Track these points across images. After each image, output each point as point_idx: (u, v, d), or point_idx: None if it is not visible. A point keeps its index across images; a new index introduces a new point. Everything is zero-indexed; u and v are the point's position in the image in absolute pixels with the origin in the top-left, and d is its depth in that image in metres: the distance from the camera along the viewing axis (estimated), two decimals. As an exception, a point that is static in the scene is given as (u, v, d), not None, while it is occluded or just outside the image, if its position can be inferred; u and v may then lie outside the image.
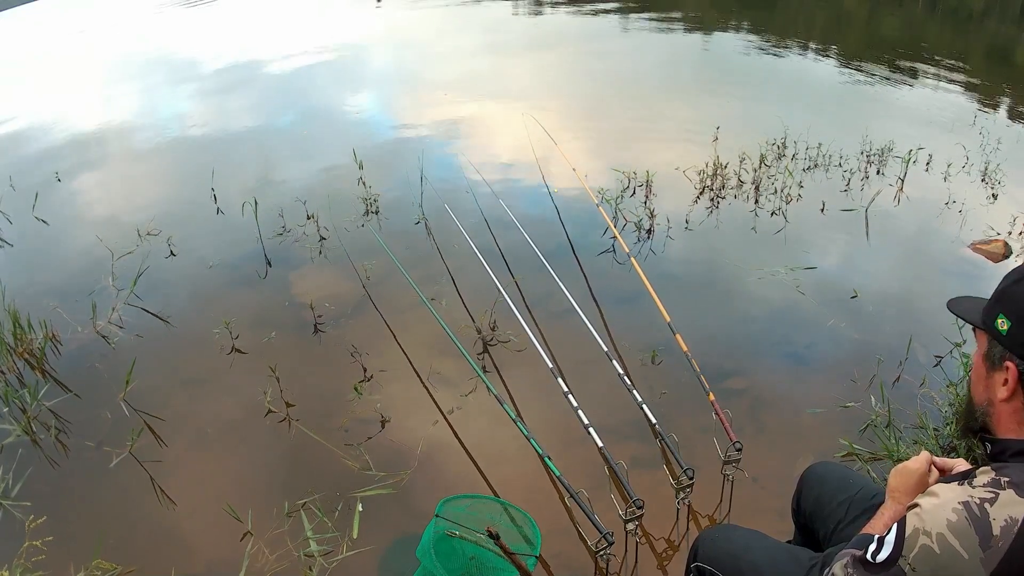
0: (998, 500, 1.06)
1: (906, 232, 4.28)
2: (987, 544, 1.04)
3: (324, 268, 4.10)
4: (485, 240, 4.11)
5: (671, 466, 2.49)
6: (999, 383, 1.16)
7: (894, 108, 6.40)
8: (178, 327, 3.65)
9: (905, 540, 1.10)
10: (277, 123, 7.11)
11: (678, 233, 4.26)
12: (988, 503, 1.06)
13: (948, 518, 1.06)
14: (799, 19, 12.27)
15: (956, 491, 1.10)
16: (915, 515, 1.11)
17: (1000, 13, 12.24)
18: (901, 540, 1.10)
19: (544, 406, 2.87)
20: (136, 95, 8.59)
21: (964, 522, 1.05)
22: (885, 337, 3.23)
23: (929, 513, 1.09)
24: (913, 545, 1.09)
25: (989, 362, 1.18)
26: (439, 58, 9.25)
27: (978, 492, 1.08)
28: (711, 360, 3.00)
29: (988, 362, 1.19)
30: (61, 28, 15.14)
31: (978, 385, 1.22)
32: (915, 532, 1.09)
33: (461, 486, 2.53)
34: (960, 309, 1.28)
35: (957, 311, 1.29)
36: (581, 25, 11.14)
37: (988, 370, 1.19)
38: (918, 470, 1.37)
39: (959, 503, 1.07)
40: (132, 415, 3.02)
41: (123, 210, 5.04)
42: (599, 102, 7.00)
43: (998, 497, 1.06)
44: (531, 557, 2.17)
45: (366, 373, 3.18)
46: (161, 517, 2.55)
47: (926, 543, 1.07)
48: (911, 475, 1.38)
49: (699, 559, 1.64)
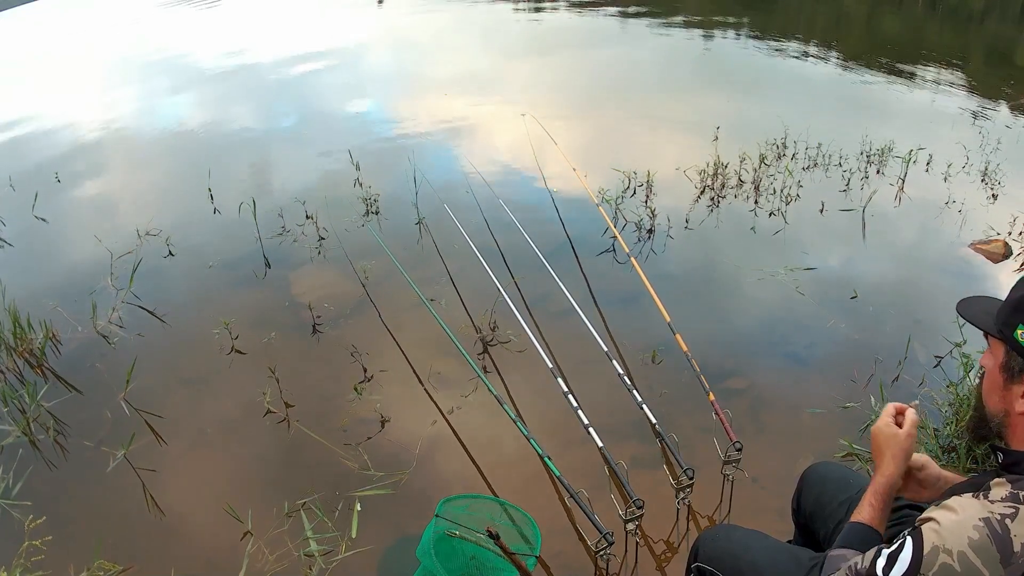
0: (1018, 516, 1.04)
1: (906, 232, 4.28)
2: (1008, 561, 1.02)
3: (323, 268, 4.10)
4: (485, 240, 4.11)
5: (671, 466, 2.49)
6: (1018, 395, 1.12)
7: (894, 108, 6.40)
8: (178, 327, 3.65)
9: (924, 558, 1.07)
10: (277, 123, 7.12)
11: (678, 233, 4.26)
12: (1009, 519, 1.04)
13: (970, 536, 1.04)
14: (799, 19, 12.27)
15: (975, 506, 1.08)
16: (933, 532, 1.08)
17: (1000, 13, 12.23)
18: (919, 558, 1.07)
19: (544, 406, 2.87)
20: (136, 96, 8.59)
21: (986, 539, 1.04)
22: (885, 337, 3.23)
23: (949, 530, 1.07)
24: (932, 563, 1.06)
25: (1008, 373, 1.14)
26: (439, 58, 9.26)
27: (998, 508, 1.06)
28: (711, 360, 3.00)
29: (1007, 373, 1.14)
30: (61, 28, 15.14)
31: (993, 395, 1.18)
32: (934, 550, 1.06)
33: (461, 486, 2.53)
34: (971, 314, 1.22)
35: (968, 316, 1.22)
36: (581, 25, 11.14)
37: (1007, 381, 1.14)
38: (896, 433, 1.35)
39: (980, 519, 1.05)
40: (132, 415, 3.02)
41: (123, 210, 5.04)
42: (599, 102, 7.00)
43: (1018, 512, 1.05)
44: (531, 557, 2.17)
45: (366, 373, 3.18)
46: (161, 517, 2.55)
47: (947, 561, 1.05)
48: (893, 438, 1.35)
49: (699, 559, 1.64)
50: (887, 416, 1.39)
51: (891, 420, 1.38)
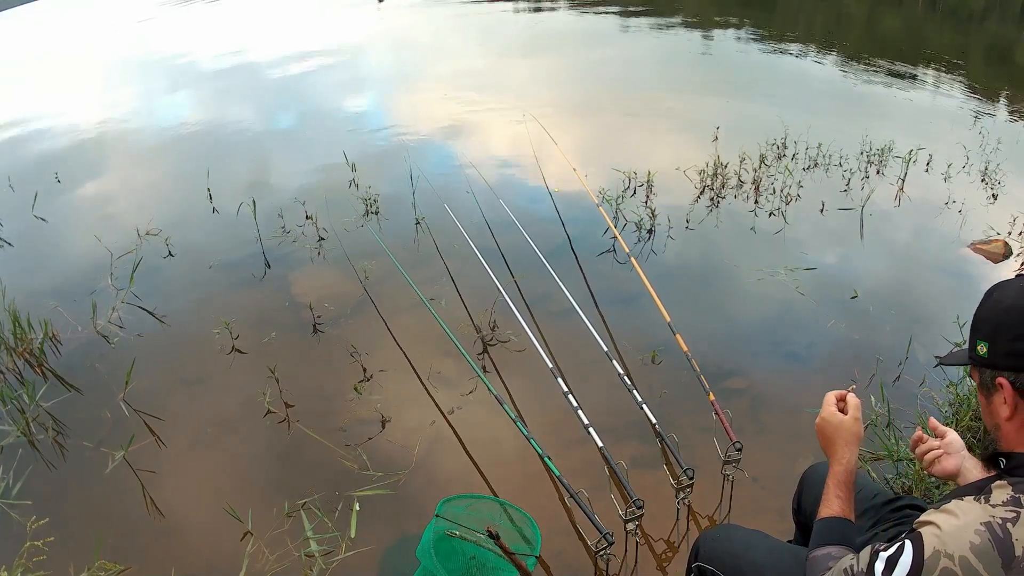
0: (1020, 520, 1.05)
1: (906, 232, 4.28)
2: (1009, 565, 1.02)
3: (323, 268, 4.10)
4: (485, 240, 4.11)
5: (671, 466, 2.49)
6: (999, 404, 1.17)
7: (894, 108, 6.40)
8: (178, 327, 3.65)
9: (925, 563, 1.07)
10: (277, 123, 7.12)
11: (679, 233, 4.26)
12: (1010, 523, 1.04)
13: (971, 540, 1.05)
14: (799, 19, 12.27)
15: (976, 510, 1.08)
16: (934, 536, 1.08)
17: (1000, 13, 12.23)
18: (919, 562, 1.07)
19: (544, 406, 2.87)
20: (136, 96, 8.59)
21: (987, 544, 1.04)
22: (885, 337, 3.23)
23: (950, 535, 1.07)
24: (933, 568, 1.06)
25: (985, 390, 1.20)
26: (439, 58, 9.26)
27: (999, 512, 1.06)
28: (711, 360, 3.00)
29: (984, 390, 1.21)
30: (61, 28, 15.14)
31: (986, 417, 1.24)
32: (935, 555, 1.06)
33: (461, 486, 2.52)
34: (951, 360, 1.38)
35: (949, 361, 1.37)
36: (581, 26, 11.14)
37: (987, 398, 1.20)
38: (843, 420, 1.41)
39: (981, 524, 1.05)
40: (132, 415, 3.02)
41: (123, 210, 5.04)
42: (600, 102, 6.99)
43: (1020, 516, 1.05)
44: (531, 557, 2.17)
45: (366, 373, 3.18)
46: (161, 517, 2.55)
47: (948, 566, 1.05)
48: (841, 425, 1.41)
49: (700, 558, 1.63)
50: (830, 406, 1.45)
51: (835, 410, 1.44)
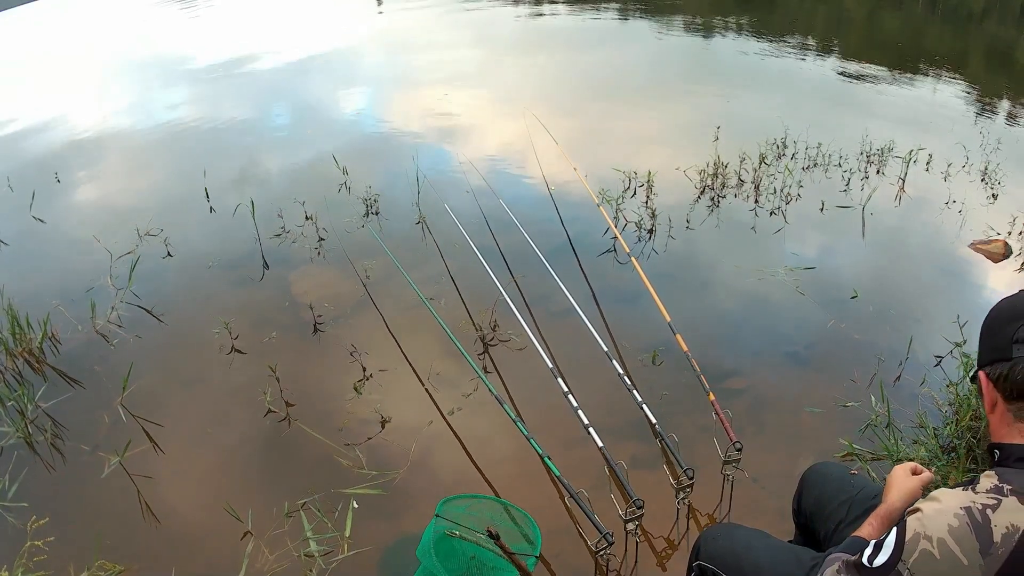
0: (1000, 506, 1.06)
1: (906, 232, 4.28)
2: (987, 551, 1.04)
3: (323, 268, 4.10)
4: (485, 240, 4.10)
5: (671, 466, 2.49)
6: (989, 406, 1.19)
7: (894, 108, 6.39)
8: (177, 327, 3.65)
9: (905, 544, 1.10)
10: (276, 123, 7.12)
11: (679, 233, 4.26)
12: (990, 509, 1.06)
13: (950, 523, 1.06)
14: (799, 19, 12.27)
15: (959, 496, 1.10)
16: (916, 519, 1.11)
17: (1000, 13, 12.23)
18: (901, 544, 1.10)
19: (544, 406, 2.87)
20: (135, 96, 8.59)
21: (965, 528, 1.05)
22: (885, 337, 3.23)
23: (930, 518, 1.09)
24: (913, 550, 1.08)
25: (978, 389, 1.23)
26: (439, 58, 9.24)
27: (980, 498, 1.08)
28: (711, 360, 3.00)
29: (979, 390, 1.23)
30: (61, 28, 15.14)
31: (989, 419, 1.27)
32: (915, 536, 1.09)
33: (461, 486, 2.52)
34: None
35: None
36: (581, 26, 11.14)
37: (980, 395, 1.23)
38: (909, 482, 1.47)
39: (961, 508, 1.07)
40: (132, 415, 3.02)
41: (122, 210, 5.03)
42: (600, 102, 6.99)
43: (1000, 503, 1.06)
44: (531, 557, 2.17)
45: (366, 373, 3.18)
46: (161, 517, 2.55)
47: (926, 548, 1.07)
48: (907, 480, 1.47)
49: (701, 557, 1.64)
50: (908, 465, 1.54)
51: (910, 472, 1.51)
